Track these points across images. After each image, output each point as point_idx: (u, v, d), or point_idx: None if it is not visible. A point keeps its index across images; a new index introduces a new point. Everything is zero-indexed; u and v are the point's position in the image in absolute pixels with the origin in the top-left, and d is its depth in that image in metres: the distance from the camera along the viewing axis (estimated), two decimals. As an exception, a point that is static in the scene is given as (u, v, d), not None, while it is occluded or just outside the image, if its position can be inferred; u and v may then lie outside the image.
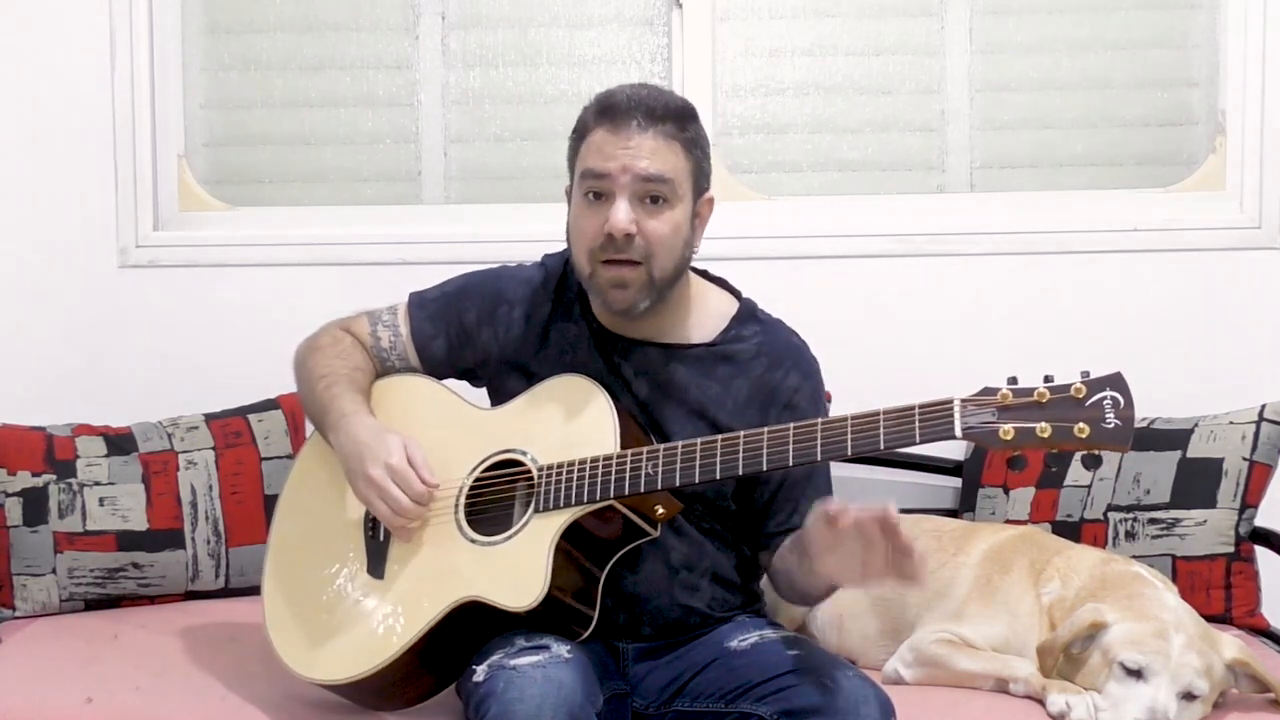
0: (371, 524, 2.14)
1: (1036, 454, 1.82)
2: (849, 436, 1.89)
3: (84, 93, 3.08)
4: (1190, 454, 2.66)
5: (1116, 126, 3.13)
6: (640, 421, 2.10)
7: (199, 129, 3.21)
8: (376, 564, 2.12)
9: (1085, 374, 1.81)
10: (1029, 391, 1.81)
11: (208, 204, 3.18)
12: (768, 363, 2.16)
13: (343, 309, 2.34)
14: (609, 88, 2.12)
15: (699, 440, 1.97)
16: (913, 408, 1.86)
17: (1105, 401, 1.78)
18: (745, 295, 2.24)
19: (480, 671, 1.96)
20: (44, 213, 3.11)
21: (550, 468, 2.03)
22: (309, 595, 2.16)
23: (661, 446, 1.99)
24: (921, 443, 1.87)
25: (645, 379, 2.15)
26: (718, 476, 1.95)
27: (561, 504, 2.00)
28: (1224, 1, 3.04)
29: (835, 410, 2.88)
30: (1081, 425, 1.77)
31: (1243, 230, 3.02)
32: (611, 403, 2.04)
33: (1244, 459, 2.63)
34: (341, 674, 2.07)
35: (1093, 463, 1.80)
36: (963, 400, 1.84)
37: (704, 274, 2.25)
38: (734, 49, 3.15)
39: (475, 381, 2.29)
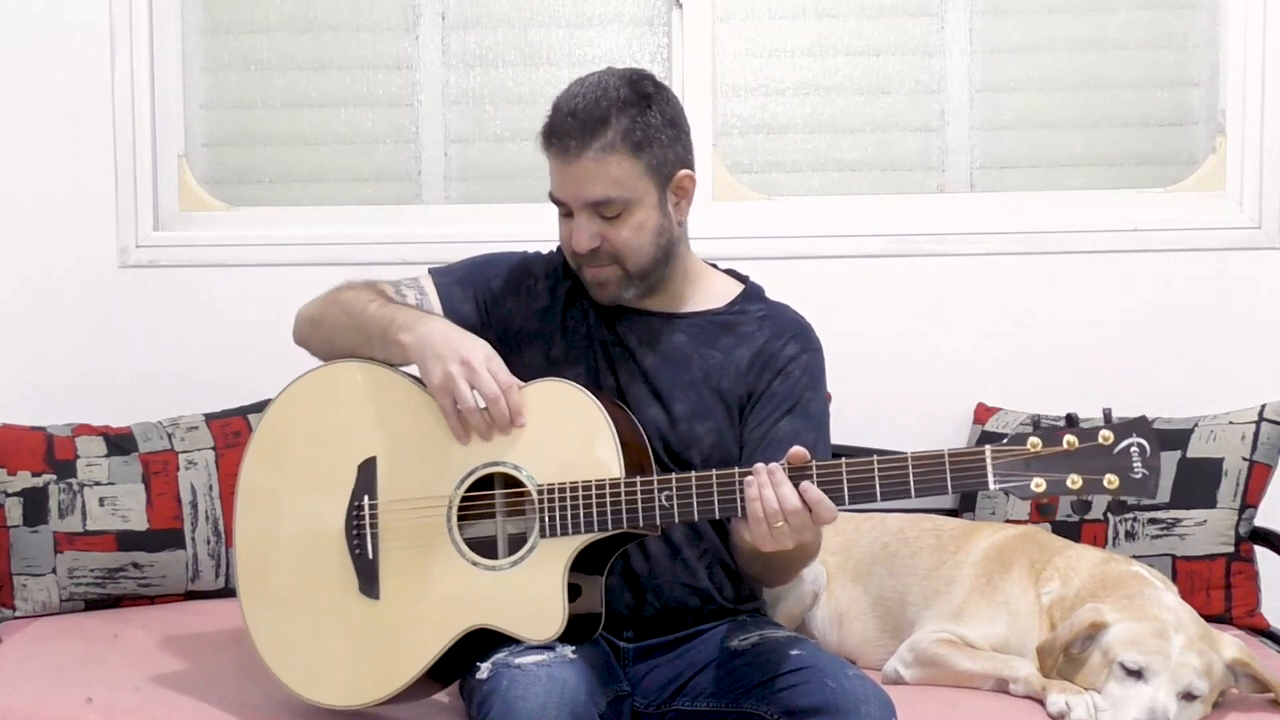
0: (355, 539, 2.07)
1: None
2: (877, 482, 1.88)
3: (84, 93, 3.08)
4: (1190, 454, 2.66)
5: (1116, 126, 3.13)
6: (636, 430, 2.06)
7: (199, 129, 3.21)
8: (369, 583, 2.06)
9: (1108, 414, 1.82)
10: (1057, 439, 1.83)
11: (208, 204, 3.18)
12: (770, 334, 2.18)
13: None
14: (564, 90, 2.10)
15: (714, 472, 1.94)
16: (942, 456, 1.87)
17: (1133, 449, 1.81)
18: (753, 280, 2.26)
19: (484, 669, 1.96)
20: (44, 213, 3.11)
21: (552, 489, 1.98)
22: (299, 615, 2.10)
23: (674, 476, 1.95)
24: (953, 492, 1.89)
25: (649, 348, 2.16)
26: (739, 512, 1.92)
27: (570, 530, 1.96)
28: (1224, 1, 3.04)
29: (835, 410, 2.90)
30: (1111, 477, 1.82)
31: (1243, 230, 3.03)
32: (609, 417, 1.99)
33: (1244, 459, 2.63)
34: (353, 700, 2.05)
35: (1119, 509, 1.84)
36: (994, 450, 1.85)
37: (711, 266, 2.27)
38: (734, 49, 3.15)
39: None
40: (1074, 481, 1.82)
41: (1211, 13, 3.08)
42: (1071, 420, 1.83)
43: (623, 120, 2.04)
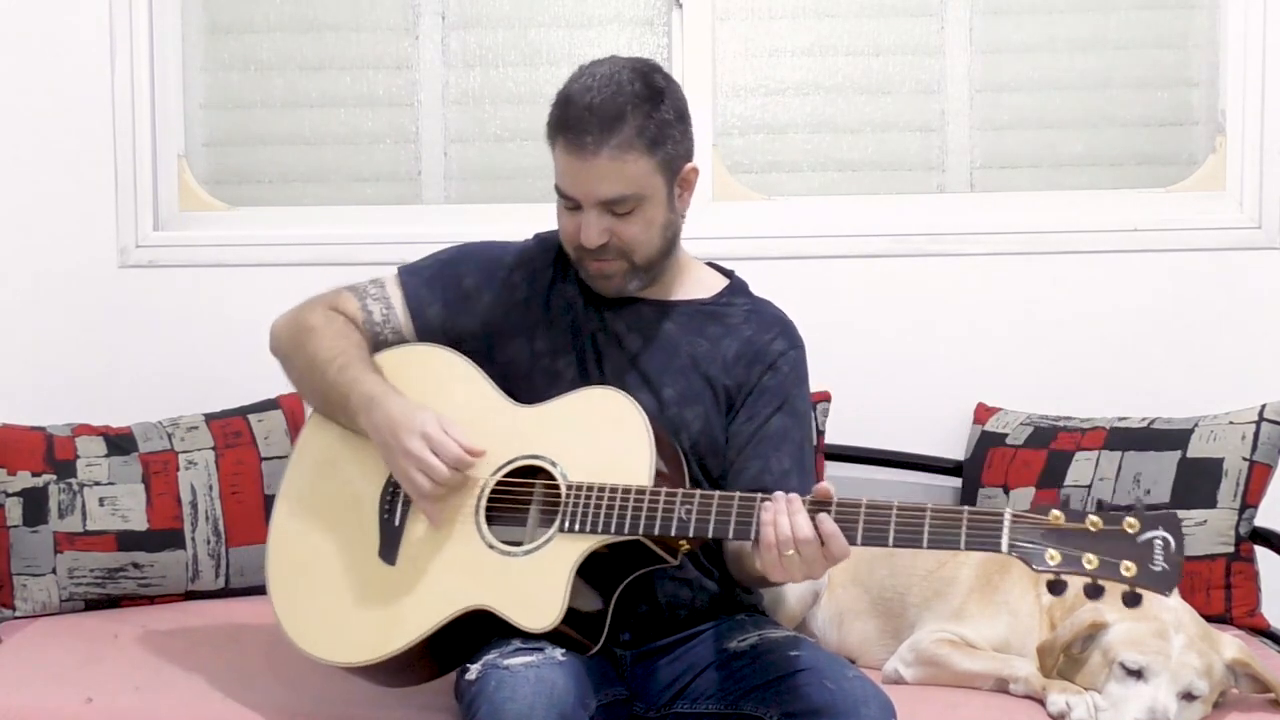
0: (387, 506, 2.11)
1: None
2: (892, 529, 1.85)
3: (84, 93, 3.08)
4: (1190, 454, 2.66)
5: (1116, 126, 3.13)
6: (675, 448, 2.07)
7: (199, 129, 3.21)
8: (389, 548, 2.09)
9: (1139, 505, 1.79)
10: (1080, 516, 1.78)
11: (208, 204, 3.18)
12: (756, 327, 2.19)
13: (342, 309, 2.33)
14: (572, 79, 2.09)
15: (737, 495, 1.94)
16: (961, 513, 1.83)
17: (1156, 541, 1.76)
18: (737, 275, 2.27)
19: (474, 671, 1.96)
20: (44, 213, 3.11)
21: (580, 487, 1.99)
22: (316, 572, 2.13)
23: (698, 492, 1.96)
24: (966, 549, 1.86)
25: (637, 333, 2.17)
26: (752, 538, 1.91)
27: (588, 529, 1.96)
28: (1224, 1, 3.04)
29: (835, 410, 2.91)
30: (1129, 564, 1.75)
31: (1243, 230, 3.02)
32: (650, 428, 2.00)
33: (1244, 459, 2.63)
34: (346, 657, 2.07)
35: (1132, 600, 1.79)
36: (1014, 515, 1.81)
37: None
38: (734, 49, 3.15)
39: (462, 349, 2.22)
40: (1090, 561, 1.76)
41: (1211, 13, 3.07)
42: (1101, 504, 1.80)
43: (638, 117, 2.03)
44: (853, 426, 2.86)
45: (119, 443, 2.80)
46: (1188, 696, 2.14)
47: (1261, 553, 2.65)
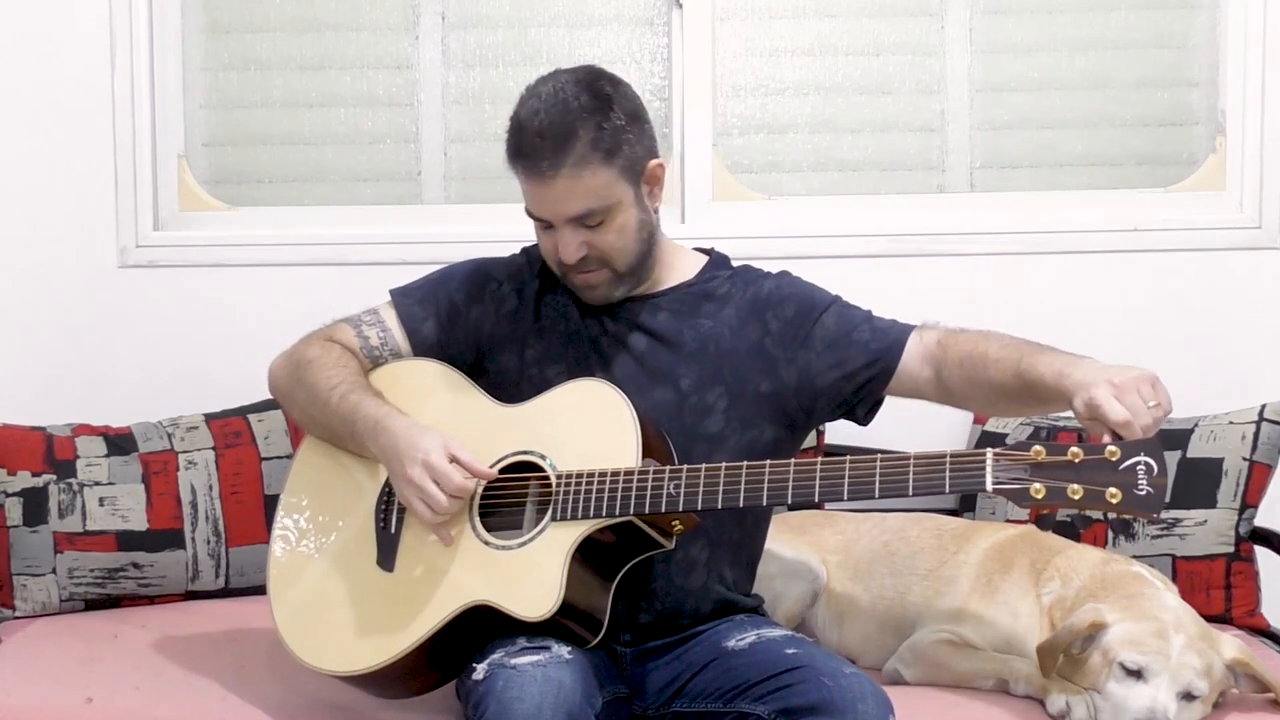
0: (382, 515, 2.12)
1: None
2: (877, 479, 1.88)
3: (84, 93, 3.08)
4: (1190, 454, 2.66)
5: (1116, 126, 3.13)
6: (661, 432, 2.08)
7: (199, 129, 3.21)
8: (387, 556, 2.10)
9: (1118, 435, 1.80)
10: (1062, 449, 1.81)
11: (208, 204, 3.18)
12: (743, 285, 2.22)
13: (343, 309, 2.33)
14: (520, 103, 2.10)
15: (723, 465, 1.96)
16: (944, 456, 1.86)
17: (1139, 467, 1.78)
18: (717, 251, 2.30)
19: (480, 670, 1.96)
20: (44, 213, 3.11)
21: (569, 476, 2.00)
22: (316, 585, 2.14)
23: (685, 467, 1.97)
24: (950, 493, 1.88)
25: (639, 332, 2.18)
26: (740, 504, 1.95)
27: (579, 515, 1.98)
28: (1224, 1, 3.04)
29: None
30: (1113, 490, 1.77)
31: (1243, 230, 3.03)
32: (634, 414, 2.02)
33: (1244, 459, 2.63)
34: (348, 666, 2.07)
35: (1121, 528, 1.80)
36: (995, 453, 1.83)
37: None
38: (734, 49, 3.15)
39: (456, 364, 2.24)
40: (1074, 491, 1.78)
41: (1211, 13, 3.08)
42: (1080, 438, 1.81)
43: (589, 130, 2.03)
44: (853, 426, 2.84)
45: (119, 443, 2.80)
46: (1187, 696, 2.14)
47: (1261, 553, 2.65)
